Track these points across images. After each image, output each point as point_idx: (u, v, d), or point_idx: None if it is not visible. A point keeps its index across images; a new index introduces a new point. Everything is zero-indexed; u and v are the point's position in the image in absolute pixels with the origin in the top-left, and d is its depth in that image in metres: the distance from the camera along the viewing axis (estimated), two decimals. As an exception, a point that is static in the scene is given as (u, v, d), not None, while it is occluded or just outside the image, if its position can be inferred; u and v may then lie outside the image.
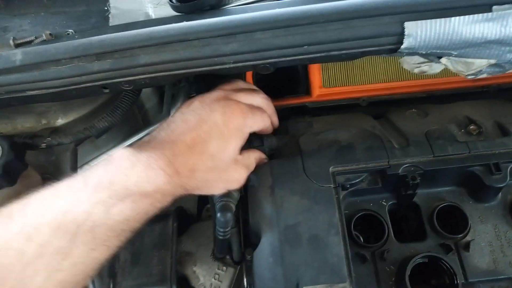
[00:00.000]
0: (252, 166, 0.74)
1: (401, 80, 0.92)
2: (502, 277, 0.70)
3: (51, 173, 0.92)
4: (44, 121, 0.88)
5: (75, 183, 0.60)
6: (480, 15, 0.60)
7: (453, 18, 0.60)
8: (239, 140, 0.69)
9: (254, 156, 0.75)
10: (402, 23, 0.60)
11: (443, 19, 0.60)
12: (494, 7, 0.60)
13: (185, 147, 0.64)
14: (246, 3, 0.74)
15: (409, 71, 0.91)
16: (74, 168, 0.83)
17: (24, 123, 0.87)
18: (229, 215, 0.68)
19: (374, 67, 0.92)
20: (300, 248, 0.67)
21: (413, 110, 0.85)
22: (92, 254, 0.57)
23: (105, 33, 0.69)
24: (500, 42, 0.61)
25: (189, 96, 1.01)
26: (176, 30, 0.64)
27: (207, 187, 0.69)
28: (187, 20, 0.65)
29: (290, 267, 0.66)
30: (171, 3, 0.73)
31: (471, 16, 0.60)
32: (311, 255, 0.67)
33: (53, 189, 0.59)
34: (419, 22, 0.60)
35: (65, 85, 0.71)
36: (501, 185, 0.71)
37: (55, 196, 0.59)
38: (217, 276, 0.86)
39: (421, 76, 0.92)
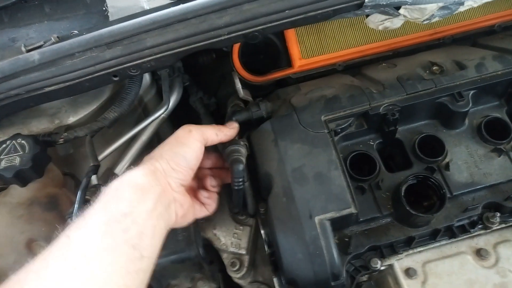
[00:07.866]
0: None
1: (369, 43, 1.05)
2: (479, 187, 0.82)
3: (71, 167, 1.00)
4: (57, 121, 0.95)
5: None
6: (425, -35, 0.73)
7: (404, -29, 0.73)
8: None
9: None
10: (364, -21, 0.73)
11: (396, -27, 0.73)
12: (436, -42, 0.73)
13: None
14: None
15: (375, 33, 1.05)
16: (95, 157, 0.90)
17: (38, 125, 0.95)
18: (242, 166, 0.78)
19: (344, 35, 1.05)
20: (307, 185, 0.78)
21: (383, 64, 0.98)
22: None
23: (110, 26, 0.79)
24: (444, -14, 0.74)
25: (183, 85, 1.12)
26: (176, 12, 0.74)
27: None
28: (183, 3, 0.76)
29: (302, 202, 0.76)
30: (164, -7, 0.83)
31: (418, -33, 0.73)
32: (318, 189, 0.77)
33: None
34: (377, -23, 0.73)
35: (79, 76, 0.80)
36: (465, 110, 0.84)
37: None
38: (235, 235, 0.95)
39: (386, 36, 1.05)
